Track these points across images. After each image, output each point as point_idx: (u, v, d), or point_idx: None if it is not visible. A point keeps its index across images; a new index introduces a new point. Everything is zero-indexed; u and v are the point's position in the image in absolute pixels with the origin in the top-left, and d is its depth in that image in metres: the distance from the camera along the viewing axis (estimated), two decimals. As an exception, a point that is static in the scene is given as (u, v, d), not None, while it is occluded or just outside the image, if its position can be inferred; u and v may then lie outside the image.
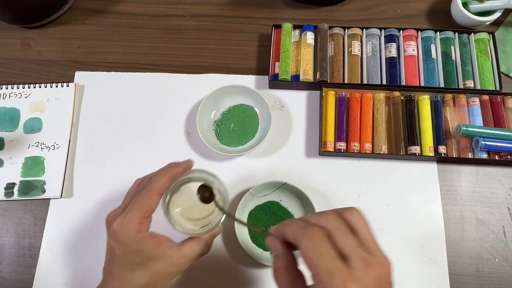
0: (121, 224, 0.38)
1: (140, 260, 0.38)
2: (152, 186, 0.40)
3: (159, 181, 0.40)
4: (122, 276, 0.38)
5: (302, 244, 0.28)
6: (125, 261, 0.38)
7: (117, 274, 0.38)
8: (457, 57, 0.63)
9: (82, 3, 0.72)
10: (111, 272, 0.39)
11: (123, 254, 0.38)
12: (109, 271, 0.40)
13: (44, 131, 0.62)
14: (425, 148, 0.58)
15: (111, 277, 0.39)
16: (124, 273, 0.38)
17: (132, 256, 0.38)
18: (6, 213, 0.59)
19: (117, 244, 0.38)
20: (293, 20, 0.67)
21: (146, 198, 0.39)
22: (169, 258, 0.39)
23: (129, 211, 0.39)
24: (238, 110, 0.62)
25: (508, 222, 0.57)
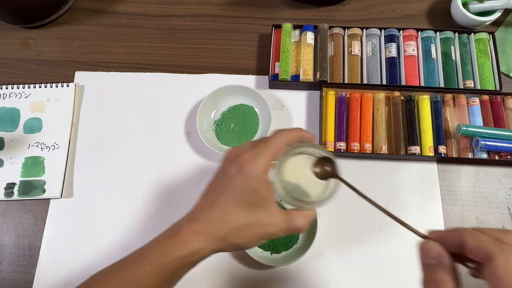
0: (252, 159, 0.36)
1: (251, 201, 0.36)
2: (284, 135, 0.38)
3: (290, 133, 0.38)
4: (227, 207, 0.36)
5: (498, 261, 0.25)
6: (238, 194, 0.36)
7: (223, 203, 0.36)
8: (457, 57, 0.63)
9: (82, 3, 0.72)
10: (216, 200, 0.36)
11: (240, 187, 0.36)
12: (212, 198, 0.37)
13: (44, 131, 0.62)
14: (425, 148, 0.58)
15: (214, 204, 0.36)
16: (231, 206, 0.36)
17: (247, 193, 0.35)
18: (6, 213, 0.59)
19: (239, 175, 0.35)
20: (293, 20, 0.67)
21: (278, 143, 0.37)
22: (271, 216, 0.37)
23: (261, 149, 0.36)
24: (238, 110, 0.62)
25: (508, 222, 0.57)
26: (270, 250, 0.54)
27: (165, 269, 0.35)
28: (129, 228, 0.57)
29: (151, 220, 0.57)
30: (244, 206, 0.36)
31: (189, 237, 0.36)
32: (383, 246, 0.55)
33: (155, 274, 0.35)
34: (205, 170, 0.60)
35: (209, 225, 0.36)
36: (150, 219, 0.58)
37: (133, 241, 0.56)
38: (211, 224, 0.36)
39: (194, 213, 0.38)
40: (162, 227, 0.57)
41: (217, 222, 0.36)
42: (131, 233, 0.57)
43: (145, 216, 0.58)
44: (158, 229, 0.58)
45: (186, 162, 0.60)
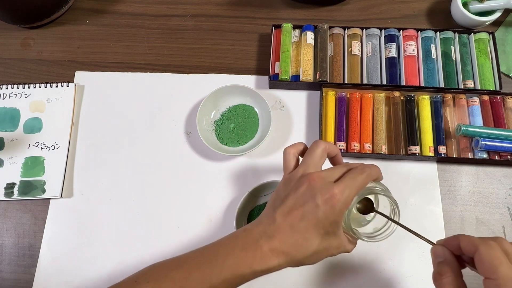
0: (341, 194, 0.38)
1: (330, 230, 0.39)
2: (371, 173, 0.41)
3: (374, 171, 0.42)
4: (309, 234, 0.39)
5: (481, 250, 0.32)
6: (321, 224, 0.38)
7: (305, 230, 0.39)
8: (457, 57, 0.63)
9: (82, 3, 0.72)
10: (299, 224, 0.39)
11: (325, 218, 0.38)
12: (294, 221, 0.39)
13: (44, 131, 0.62)
14: (425, 148, 0.58)
15: (296, 228, 0.39)
16: (313, 233, 0.39)
17: (329, 224, 0.39)
18: (6, 213, 0.59)
19: (326, 207, 0.38)
20: (293, 20, 0.68)
21: (363, 181, 0.40)
22: (341, 241, 0.41)
23: (348, 185, 0.39)
24: (238, 110, 0.62)
25: (508, 222, 0.57)
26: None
27: (241, 279, 0.39)
28: (129, 228, 0.57)
29: (151, 220, 0.57)
30: (324, 234, 0.39)
31: (270, 255, 0.38)
32: (383, 246, 0.55)
33: (231, 281, 0.38)
34: (205, 170, 0.60)
35: (290, 247, 0.39)
36: (150, 219, 0.58)
37: (133, 241, 0.56)
38: (292, 247, 0.39)
39: (273, 231, 0.39)
40: (162, 227, 0.57)
41: (298, 246, 0.39)
42: (131, 233, 0.57)
43: (145, 216, 0.58)
44: (158, 228, 0.58)
45: (186, 162, 0.60)
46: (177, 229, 0.57)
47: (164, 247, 0.56)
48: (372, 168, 0.42)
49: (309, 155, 0.43)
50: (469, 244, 0.34)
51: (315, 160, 0.43)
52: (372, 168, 0.42)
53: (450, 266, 0.35)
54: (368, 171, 0.41)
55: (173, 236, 0.57)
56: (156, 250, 0.56)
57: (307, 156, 0.43)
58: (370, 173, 0.41)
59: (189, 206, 0.58)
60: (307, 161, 0.43)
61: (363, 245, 0.55)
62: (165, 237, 0.56)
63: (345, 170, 0.42)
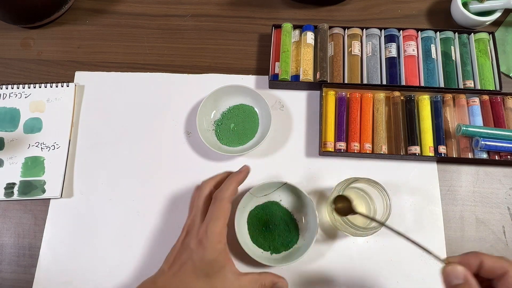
0: (205, 233, 0.42)
1: (210, 271, 0.41)
2: (223, 196, 0.44)
3: (227, 190, 0.45)
4: (188, 278, 0.41)
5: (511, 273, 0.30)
6: (198, 267, 0.41)
7: (184, 275, 0.41)
8: (457, 57, 0.63)
9: (82, 3, 0.72)
10: (179, 270, 0.42)
11: (200, 260, 0.41)
12: (176, 268, 0.42)
13: (44, 131, 0.62)
14: (425, 148, 0.58)
15: (177, 274, 0.42)
16: (191, 277, 0.41)
17: (206, 265, 0.41)
18: (6, 213, 0.59)
19: (198, 249, 0.41)
20: (293, 20, 0.68)
21: (222, 208, 0.43)
22: (228, 282, 0.42)
23: (210, 221, 0.42)
24: (238, 110, 0.62)
25: (508, 222, 0.57)
26: (270, 250, 0.54)
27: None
28: (129, 228, 0.57)
29: (151, 220, 0.57)
30: (204, 276, 0.41)
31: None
32: (383, 246, 0.55)
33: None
34: (205, 170, 0.60)
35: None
36: (150, 218, 0.58)
37: (133, 241, 0.56)
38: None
39: (161, 280, 0.43)
40: (161, 226, 0.57)
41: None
42: (131, 233, 0.57)
43: (145, 215, 0.58)
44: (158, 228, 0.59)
45: (186, 162, 0.60)
46: (177, 229, 0.57)
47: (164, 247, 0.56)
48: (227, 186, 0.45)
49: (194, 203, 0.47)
50: (497, 266, 0.31)
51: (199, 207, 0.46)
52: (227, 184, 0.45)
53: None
54: (221, 194, 0.44)
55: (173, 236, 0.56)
56: (156, 250, 0.56)
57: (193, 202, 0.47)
58: (223, 197, 0.44)
59: (188, 206, 0.58)
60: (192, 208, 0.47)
61: (363, 245, 0.55)
62: (165, 237, 0.56)
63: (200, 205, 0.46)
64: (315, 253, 0.55)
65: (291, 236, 0.54)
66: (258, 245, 0.54)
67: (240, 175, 0.48)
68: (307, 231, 0.54)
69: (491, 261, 0.31)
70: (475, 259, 0.32)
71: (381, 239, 0.55)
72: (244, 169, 0.49)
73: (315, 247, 0.55)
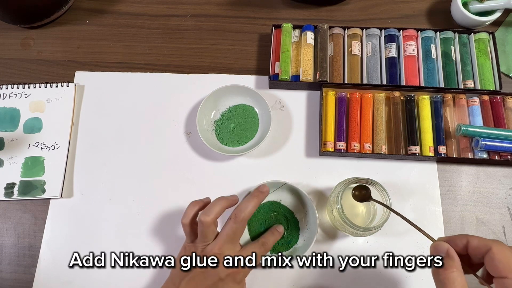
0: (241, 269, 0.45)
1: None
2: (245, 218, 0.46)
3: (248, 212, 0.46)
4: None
5: (496, 250, 0.33)
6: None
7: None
8: (457, 57, 0.63)
9: (82, 3, 0.72)
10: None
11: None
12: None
13: (44, 131, 0.62)
14: (425, 148, 0.58)
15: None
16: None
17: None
18: (6, 213, 0.59)
19: (229, 278, 0.44)
20: (293, 20, 0.67)
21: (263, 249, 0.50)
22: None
23: (244, 249, 0.47)
24: (238, 110, 0.62)
25: (508, 222, 0.57)
26: (270, 250, 0.54)
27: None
28: (129, 228, 0.57)
29: (151, 220, 0.57)
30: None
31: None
32: (383, 246, 0.55)
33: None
34: (205, 170, 0.60)
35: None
36: (149, 219, 0.58)
37: (133, 241, 0.56)
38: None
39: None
40: (161, 226, 0.57)
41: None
42: (131, 233, 0.57)
43: (145, 216, 0.58)
44: (158, 228, 0.58)
45: (186, 162, 0.60)
46: (177, 229, 0.57)
47: (164, 247, 0.56)
48: (233, 223, 0.46)
49: (200, 230, 0.46)
50: (481, 244, 0.34)
51: (210, 230, 0.46)
52: (234, 223, 0.46)
53: (454, 262, 0.35)
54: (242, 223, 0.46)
55: (173, 236, 0.57)
56: (156, 250, 0.56)
57: (201, 226, 0.46)
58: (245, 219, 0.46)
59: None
60: (204, 233, 0.46)
61: (362, 245, 0.55)
62: (165, 237, 0.56)
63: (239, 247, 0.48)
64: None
65: (291, 236, 0.54)
66: (258, 245, 0.54)
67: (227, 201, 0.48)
68: (307, 231, 0.54)
69: (476, 240, 0.35)
70: (462, 239, 0.36)
71: (381, 239, 0.55)
72: (232, 200, 0.49)
73: (315, 247, 0.55)
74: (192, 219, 0.47)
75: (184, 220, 0.47)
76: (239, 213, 0.45)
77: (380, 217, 0.50)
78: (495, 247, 0.33)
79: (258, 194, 0.48)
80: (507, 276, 0.32)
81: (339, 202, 0.49)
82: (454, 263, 0.35)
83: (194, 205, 0.48)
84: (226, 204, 0.47)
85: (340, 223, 0.50)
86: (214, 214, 0.45)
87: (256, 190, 0.49)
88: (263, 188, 0.49)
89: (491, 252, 0.33)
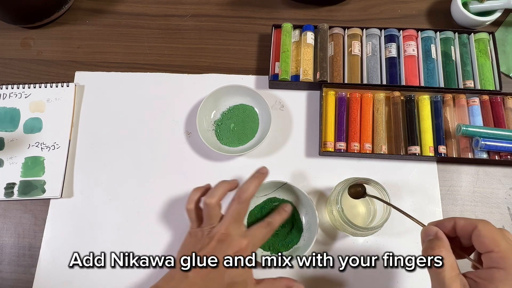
0: (246, 247, 0.44)
1: (235, 281, 0.43)
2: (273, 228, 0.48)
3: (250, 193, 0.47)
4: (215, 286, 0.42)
5: (481, 227, 0.34)
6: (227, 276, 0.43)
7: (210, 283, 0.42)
8: (457, 57, 0.63)
9: (82, 3, 0.72)
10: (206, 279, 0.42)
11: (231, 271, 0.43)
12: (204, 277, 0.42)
13: (44, 131, 0.62)
14: (425, 148, 0.58)
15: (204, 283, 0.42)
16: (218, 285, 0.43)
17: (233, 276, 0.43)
18: (6, 213, 0.59)
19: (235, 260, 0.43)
20: (293, 20, 0.68)
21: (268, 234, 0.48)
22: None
23: (253, 238, 0.46)
24: (238, 110, 0.62)
25: (508, 222, 0.57)
26: (270, 250, 0.54)
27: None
28: (129, 228, 0.57)
29: (151, 220, 0.57)
30: (227, 286, 0.43)
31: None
32: (383, 246, 0.55)
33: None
34: (205, 170, 0.60)
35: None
36: (150, 218, 0.58)
37: (133, 241, 0.56)
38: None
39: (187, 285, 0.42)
40: (161, 226, 0.57)
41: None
42: (131, 233, 0.57)
43: (145, 216, 0.58)
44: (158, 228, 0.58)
45: (186, 162, 0.60)
46: (177, 229, 0.57)
47: (164, 247, 0.56)
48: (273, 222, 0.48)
49: (206, 213, 0.47)
50: (467, 223, 0.36)
51: (215, 212, 0.46)
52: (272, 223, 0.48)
53: (443, 242, 0.36)
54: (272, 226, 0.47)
55: (173, 236, 0.57)
56: (156, 250, 0.56)
57: (206, 209, 0.47)
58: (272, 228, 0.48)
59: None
60: (209, 215, 0.46)
61: (363, 245, 0.55)
62: (165, 237, 0.56)
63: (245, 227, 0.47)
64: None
65: (291, 237, 0.54)
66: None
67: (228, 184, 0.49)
68: (307, 231, 0.54)
69: (463, 221, 0.36)
70: (450, 221, 0.37)
71: (381, 239, 0.55)
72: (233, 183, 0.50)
73: (315, 247, 0.55)
74: (196, 204, 0.48)
75: (188, 205, 0.48)
76: (242, 193, 0.46)
77: (380, 217, 0.50)
78: (480, 224, 0.34)
79: (259, 176, 0.49)
80: (493, 250, 0.33)
81: (339, 202, 0.49)
82: (443, 243, 0.36)
83: (196, 191, 0.49)
84: (229, 186, 0.48)
85: (340, 223, 0.50)
86: (218, 196, 0.46)
87: (256, 171, 0.49)
88: (263, 169, 0.49)
89: (477, 229, 0.34)
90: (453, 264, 0.34)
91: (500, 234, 0.34)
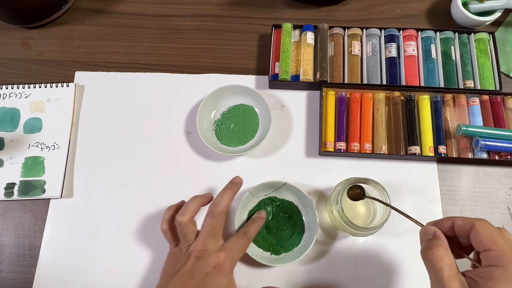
0: (226, 260, 0.44)
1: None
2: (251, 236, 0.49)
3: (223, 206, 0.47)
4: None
5: (479, 225, 0.34)
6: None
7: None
8: (457, 57, 0.63)
9: (82, 3, 0.72)
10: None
11: (213, 284, 0.43)
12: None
13: (44, 131, 0.62)
14: (425, 148, 0.58)
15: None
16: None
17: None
18: (6, 213, 0.59)
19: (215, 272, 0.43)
20: (293, 20, 0.68)
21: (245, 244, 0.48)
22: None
23: (231, 251, 0.46)
24: (238, 110, 0.62)
25: (508, 222, 0.57)
26: (270, 250, 0.54)
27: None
28: (129, 228, 0.57)
29: (151, 220, 0.57)
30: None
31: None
32: (383, 246, 0.55)
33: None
34: (205, 170, 0.60)
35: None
36: (150, 218, 0.58)
37: (133, 241, 0.56)
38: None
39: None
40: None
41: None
42: (131, 233, 0.57)
43: (145, 215, 0.58)
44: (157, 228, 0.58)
45: (186, 162, 0.60)
46: (177, 229, 0.57)
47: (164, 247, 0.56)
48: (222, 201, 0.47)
49: (180, 231, 0.47)
50: (465, 222, 0.36)
51: (189, 229, 0.46)
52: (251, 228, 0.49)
53: (441, 241, 0.36)
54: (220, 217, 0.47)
55: (173, 236, 0.57)
56: (156, 250, 0.56)
57: (179, 227, 0.47)
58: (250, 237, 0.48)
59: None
60: (183, 233, 0.46)
61: (363, 245, 0.55)
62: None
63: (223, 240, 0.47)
64: (315, 253, 0.55)
65: (293, 239, 0.54)
66: (258, 245, 0.54)
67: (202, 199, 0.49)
68: (307, 231, 0.54)
69: (461, 220, 0.36)
70: (448, 220, 0.37)
71: (381, 239, 0.55)
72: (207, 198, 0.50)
73: (315, 247, 0.55)
74: (171, 224, 0.48)
75: (162, 226, 0.48)
76: (214, 207, 0.46)
77: (380, 217, 0.50)
78: (478, 223, 0.35)
79: (231, 186, 0.49)
80: (491, 248, 0.33)
81: (339, 202, 0.49)
82: (441, 242, 0.36)
83: (169, 210, 0.49)
84: (200, 201, 0.48)
85: (340, 223, 0.50)
86: (190, 213, 0.46)
87: (230, 182, 0.50)
88: (236, 179, 0.50)
89: (475, 228, 0.34)
90: (452, 263, 0.35)
91: (498, 232, 0.34)
